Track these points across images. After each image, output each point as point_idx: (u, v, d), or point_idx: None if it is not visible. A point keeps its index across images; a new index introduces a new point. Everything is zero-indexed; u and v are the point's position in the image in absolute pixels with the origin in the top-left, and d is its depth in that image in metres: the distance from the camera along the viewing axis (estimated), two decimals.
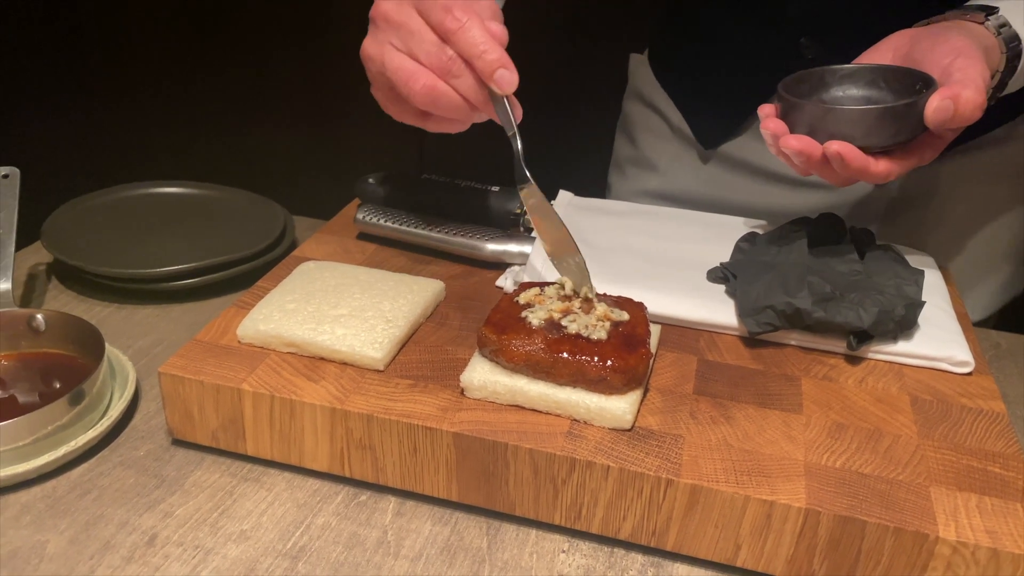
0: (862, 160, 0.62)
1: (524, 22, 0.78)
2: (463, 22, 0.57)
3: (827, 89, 0.69)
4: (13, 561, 0.51)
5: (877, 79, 0.67)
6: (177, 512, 0.55)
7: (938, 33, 0.65)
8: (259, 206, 0.91)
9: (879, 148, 0.63)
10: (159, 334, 0.74)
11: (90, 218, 0.87)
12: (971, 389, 0.62)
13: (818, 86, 0.69)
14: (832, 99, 0.68)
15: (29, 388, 0.64)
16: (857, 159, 0.62)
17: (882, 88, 0.67)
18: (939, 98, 0.60)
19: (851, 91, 0.68)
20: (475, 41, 0.57)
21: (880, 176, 0.63)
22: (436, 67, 0.59)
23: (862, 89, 0.68)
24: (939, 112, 0.60)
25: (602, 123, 1.12)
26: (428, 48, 0.59)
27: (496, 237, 0.75)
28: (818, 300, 0.63)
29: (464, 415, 0.55)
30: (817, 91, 0.69)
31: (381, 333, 0.61)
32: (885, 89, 0.66)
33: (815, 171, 0.65)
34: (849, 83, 0.68)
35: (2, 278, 0.70)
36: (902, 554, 0.49)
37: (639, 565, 0.53)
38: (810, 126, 0.63)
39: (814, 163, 0.63)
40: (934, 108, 0.60)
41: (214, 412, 0.58)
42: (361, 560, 0.52)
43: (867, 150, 0.62)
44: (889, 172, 0.63)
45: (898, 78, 0.65)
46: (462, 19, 0.57)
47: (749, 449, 0.54)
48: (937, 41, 0.64)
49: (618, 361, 0.54)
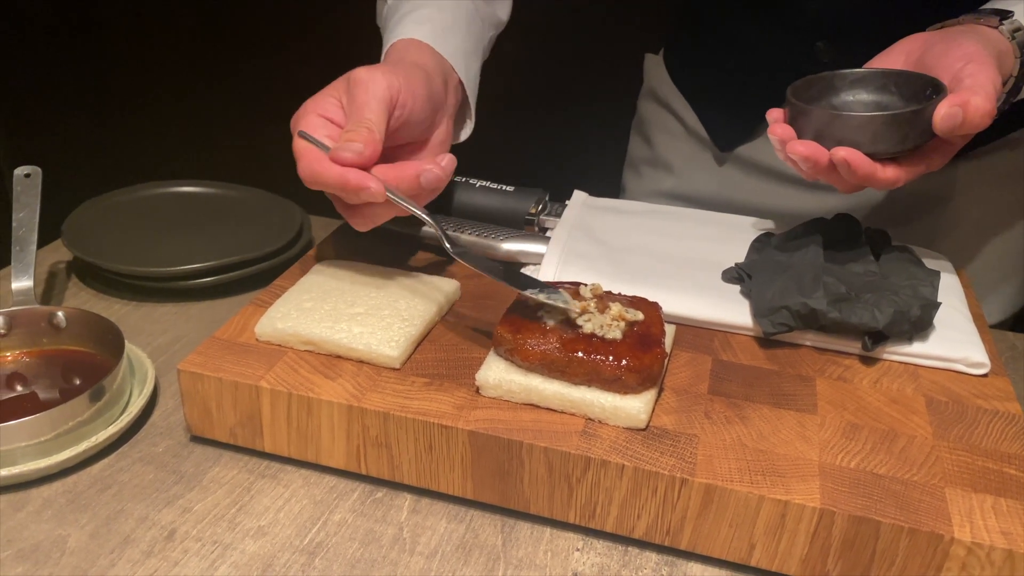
0: (869, 167, 0.61)
1: (539, 22, 0.79)
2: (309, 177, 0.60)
3: (836, 93, 0.68)
4: (35, 554, 0.52)
5: (887, 84, 0.66)
6: (196, 508, 0.56)
7: (951, 38, 0.64)
8: (276, 205, 0.92)
9: (887, 154, 0.62)
10: (177, 332, 0.75)
11: (110, 217, 0.88)
12: (987, 391, 0.61)
13: (827, 90, 0.68)
14: (841, 103, 0.68)
15: (50, 384, 0.64)
16: (864, 166, 0.61)
17: (892, 93, 0.66)
18: (948, 105, 0.59)
19: (861, 95, 0.68)
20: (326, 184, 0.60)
21: (887, 183, 0.62)
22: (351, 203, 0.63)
23: (872, 94, 0.67)
24: (947, 119, 0.59)
25: (616, 123, 1.12)
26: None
27: (511, 237, 0.75)
28: (833, 301, 0.63)
29: (479, 413, 0.56)
30: (826, 95, 0.68)
31: (397, 331, 0.61)
32: (895, 94, 0.66)
33: (822, 177, 0.64)
34: (859, 87, 0.68)
35: (24, 276, 0.71)
36: (917, 555, 0.49)
37: (653, 564, 0.54)
38: (817, 131, 0.63)
39: (821, 169, 0.63)
40: (942, 115, 0.59)
41: (232, 409, 0.59)
42: (377, 556, 0.53)
43: (875, 156, 0.62)
44: (896, 179, 0.62)
45: (908, 83, 0.65)
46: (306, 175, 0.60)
47: (764, 449, 0.54)
48: (949, 46, 0.63)
49: (633, 361, 0.55)
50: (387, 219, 0.64)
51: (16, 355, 0.66)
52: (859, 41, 0.71)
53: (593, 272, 0.70)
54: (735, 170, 0.93)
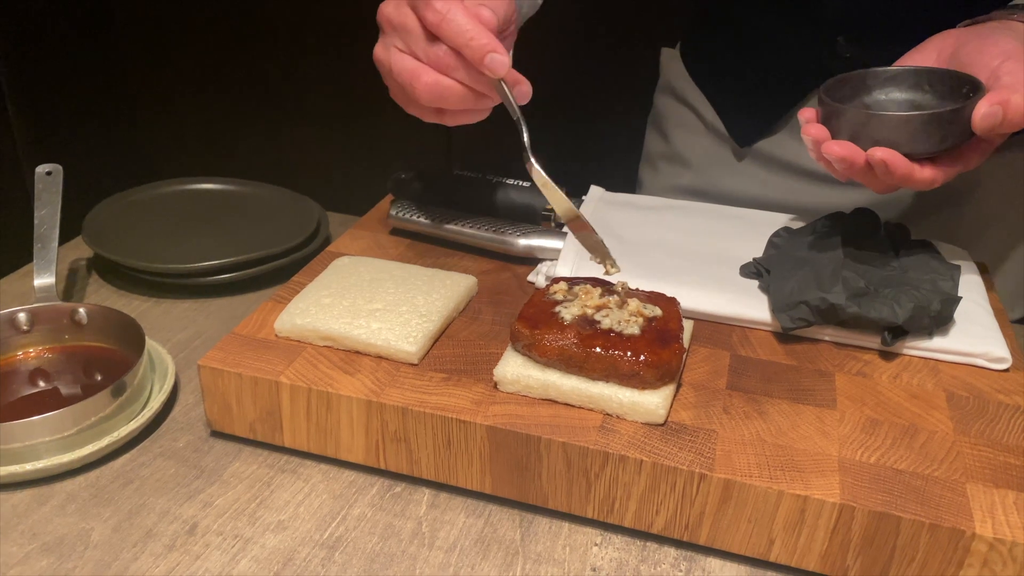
0: (907, 167, 0.60)
1: (553, 16, 0.78)
2: (443, 14, 0.57)
3: (869, 92, 0.67)
4: (60, 547, 0.53)
5: (921, 82, 0.65)
6: (216, 502, 0.56)
7: (985, 35, 0.63)
8: (294, 202, 0.92)
9: (925, 155, 0.61)
10: (197, 328, 0.76)
11: (130, 214, 0.89)
12: (1008, 385, 0.61)
13: (860, 89, 0.67)
14: (874, 102, 0.67)
15: (72, 380, 0.65)
16: (902, 166, 0.60)
17: (926, 91, 0.65)
18: (987, 103, 0.58)
19: (894, 94, 0.66)
20: (459, 30, 0.57)
21: (925, 183, 0.61)
22: (433, 63, 0.59)
23: (905, 92, 0.66)
24: (987, 118, 0.58)
25: (633, 118, 1.12)
26: (423, 45, 0.59)
27: (527, 232, 0.75)
28: (852, 295, 0.63)
29: (497, 408, 0.56)
30: (859, 94, 0.67)
31: (415, 327, 0.61)
32: (929, 92, 0.65)
33: (857, 177, 0.63)
34: (892, 86, 0.66)
35: (46, 273, 0.72)
36: (938, 551, 0.49)
37: (672, 559, 0.54)
38: (853, 132, 0.62)
39: (857, 170, 0.62)
40: (982, 114, 0.58)
41: (252, 404, 0.59)
42: (396, 551, 0.53)
43: (912, 157, 0.60)
44: (934, 179, 0.61)
45: (943, 81, 0.64)
46: (442, 11, 0.57)
47: (783, 444, 0.54)
48: (985, 44, 0.62)
49: (651, 356, 0.55)
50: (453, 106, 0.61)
51: (39, 351, 0.67)
52: (880, 36, 0.70)
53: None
54: (753, 165, 0.93)
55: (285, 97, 1.67)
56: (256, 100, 1.69)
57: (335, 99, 1.61)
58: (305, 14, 1.56)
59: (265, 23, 1.62)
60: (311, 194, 0.93)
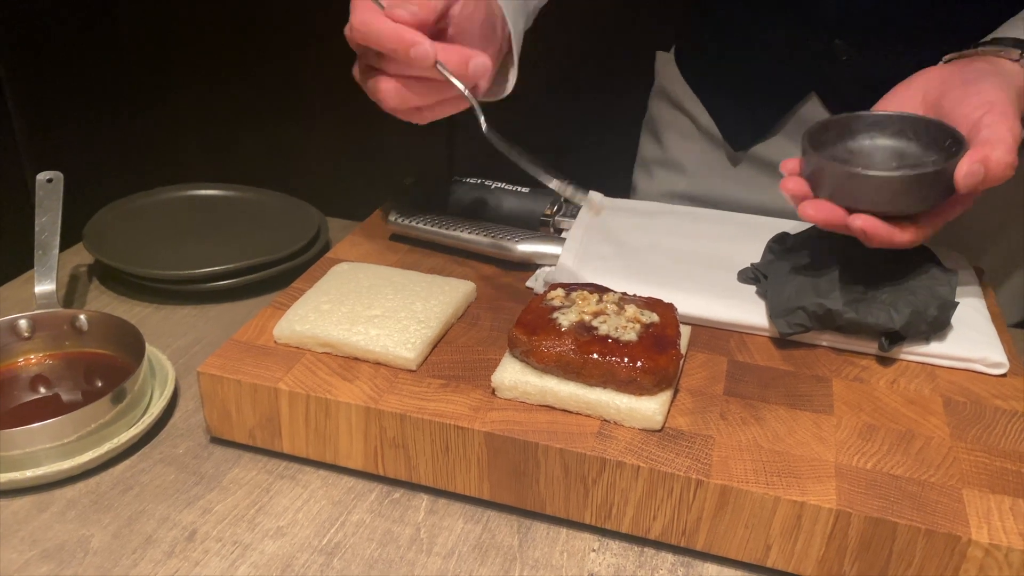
0: (887, 233, 0.60)
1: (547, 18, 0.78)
2: (362, 27, 0.59)
3: (853, 137, 0.67)
4: (60, 554, 0.53)
5: (905, 129, 0.65)
6: (216, 508, 0.57)
7: (969, 81, 0.63)
8: (294, 208, 0.93)
9: (907, 213, 0.61)
10: (197, 334, 0.76)
11: (130, 220, 0.90)
12: (1005, 391, 0.61)
13: (844, 133, 0.67)
14: (858, 147, 0.66)
15: (72, 387, 0.65)
16: (881, 233, 0.60)
17: (910, 139, 0.65)
18: (969, 162, 0.57)
19: (878, 140, 0.66)
20: (377, 37, 0.58)
21: (905, 244, 0.61)
22: (385, 70, 0.61)
23: (889, 139, 0.66)
24: (970, 177, 0.57)
25: (626, 122, 1.12)
26: (372, 57, 0.61)
27: (526, 238, 0.76)
28: (849, 301, 0.63)
29: (495, 415, 0.56)
30: (843, 138, 0.67)
31: (414, 333, 0.62)
32: (913, 140, 0.64)
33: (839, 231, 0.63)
34: (876, 131, 0.66)
35: (47, 279, 0.72)
36: (934, 556, 0.49)
37: (669, 564, 0.54)
38: (833, 188, 0.61)
39: (837, 229, 0.62)
40: (964, 172, 0.57)
41: (251, 411, 0.60)
42: (395, 557, 0.53)
43: (892, 215, 0.60)
44: (915, 240, 0.61)
45: (927, 130, 0.64)
46: (361, 25, 0.59)
47: (779, 450, 0.54)
48: (968, 92, 0.62)
49: (648, 362, 0.55)
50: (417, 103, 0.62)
51: (40, 358, 0.68)
52: (877, 38, 0.70)
53: (608, 273, 0.70)
54: (749, 170, 0.93)
55: (286, 104, 1.68)
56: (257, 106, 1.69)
57: (336, 106, 1.62)
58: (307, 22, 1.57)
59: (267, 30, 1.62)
60: (311, 200, 0.94)
